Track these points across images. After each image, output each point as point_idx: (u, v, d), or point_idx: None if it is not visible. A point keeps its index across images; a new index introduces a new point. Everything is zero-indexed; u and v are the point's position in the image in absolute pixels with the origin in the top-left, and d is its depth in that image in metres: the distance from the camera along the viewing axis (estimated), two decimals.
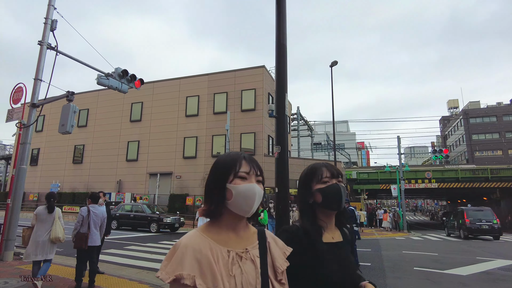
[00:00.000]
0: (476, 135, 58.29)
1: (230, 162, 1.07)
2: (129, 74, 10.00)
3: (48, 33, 8.48)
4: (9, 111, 8.91)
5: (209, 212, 1.07)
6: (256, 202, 1.04)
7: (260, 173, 1.10)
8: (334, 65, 18.83)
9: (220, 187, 1.05)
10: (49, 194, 5.54)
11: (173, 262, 0.93)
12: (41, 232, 5.25)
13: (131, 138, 27.35)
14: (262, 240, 1.11)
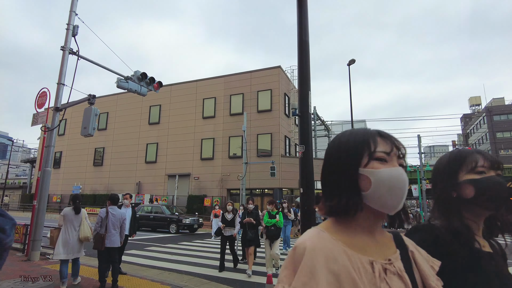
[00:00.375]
0: (501, 133, 56.34)
1: (360, 139, 0.81)
2: (148, 77, 10.14)
3: (70, 38, 8.67)
4: (34, 115, 9.16)
5: (338, 209, 0.78)
6: (405, 193, 0.77)
7: (403, 154, 0.84)
8: (352, 63, 18.55)
9: (351, 174, 0.79)
10: (74, 196, 5.74)
11: (301, 274, 0.68)
12: (70, 232, 5.54)
13: (150, 140, 27.77)
14: (402, 248, 0.84)
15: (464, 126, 75.89)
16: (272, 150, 23.51)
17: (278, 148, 23.41)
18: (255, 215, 7.53)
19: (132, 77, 9.70)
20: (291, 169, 23.22)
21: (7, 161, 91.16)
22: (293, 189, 24.00)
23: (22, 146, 55.95)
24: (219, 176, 24.63)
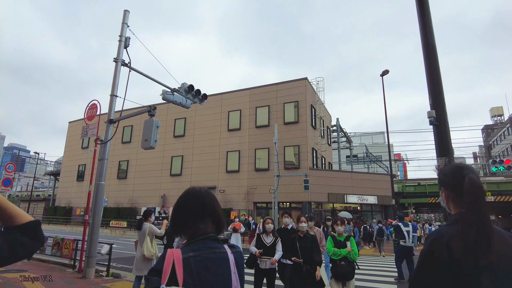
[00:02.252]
0: None
1: None
2: (195, 89, 10.00)
3: (122, 50, 8.61)
4: (84, 127, 9.07)
5: None
6: None
7: None
8: (386, 74, 18.20)
9: None
10: (144, 211, 5.74)
11: None
12: (139, 248, 5.56)
13: (175, 153, 27.73)
14: None
15: (486, 137, 73.98)
16: (300, 163, 23.10)
17: (306, 160, 22.98)
18: (310, 241, 4.87)
19: (179, 89, 9.57)
20: (320, 182, 22.72)
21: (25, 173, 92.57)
22: (322, 203, 23.43)
23: (43, 159, 56.90)
24: (245, 189, 24.28)
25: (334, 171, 25.92)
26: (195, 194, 1.48)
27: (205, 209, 1.44)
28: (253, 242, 5.31)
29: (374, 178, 25.39)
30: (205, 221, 1.41)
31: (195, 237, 1.37)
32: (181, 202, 1.47)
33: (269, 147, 24.18)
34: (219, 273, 1.30)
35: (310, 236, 5.02)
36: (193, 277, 1.22)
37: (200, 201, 1.45)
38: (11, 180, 11.09)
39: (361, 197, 23.57)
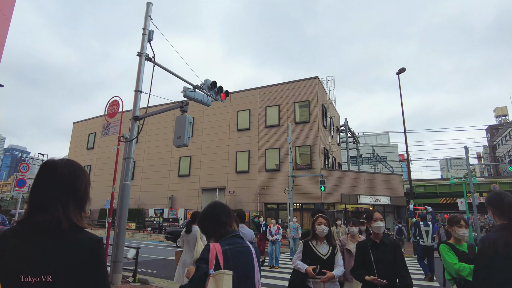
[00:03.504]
0: None
1: None
2: (217, 85, 9.60)
3: (146, 44, 8.22)
4: (105, 125, 8.68)
5: None
6: None
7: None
8: (402, 72, 17.80)
9: None
10: (193, 213, 5.44)
11: None
12: (188, 253, 5.20)
13: (183, 154, 27.31)
14: None
15: (490, 137, 73.65)
16: (312, 163, 22.69)
17: (318, 160, 22.57)
18: (391, 250, 3.24)
19: (202, 86, 9.18)
20: (332, 183, 22.28)
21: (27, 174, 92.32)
22: (335, 203, 23.01)
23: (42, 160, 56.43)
24: (255, 189, 23.86)
25: (346, 172, 25.50)
26: (221, 204, 1.97)
27: (230, 214, 1.92)
28: (297, 254, 3.62)
29: (386, 178, 24.98)
30: (231, 223, 1.88)
31: (226, 235, 1.80)
32: (213, 211, 1.90)
33: (279, 147, 23.78)
34: (246, 261, 1.76)
35: (392, 242, 3.37)
36: (229, 264, 1.66)
37: (227, 209, 1.93)
38: (25, 181, 10.70)
39: (374, 198, 23.16)
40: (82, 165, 1.37)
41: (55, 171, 1.23)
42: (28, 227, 1.14)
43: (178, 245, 16.19)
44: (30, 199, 1.21)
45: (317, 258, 3.47)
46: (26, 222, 1.16)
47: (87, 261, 1.14)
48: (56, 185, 1.21)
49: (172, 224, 22.65)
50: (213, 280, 1.57)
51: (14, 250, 1.08)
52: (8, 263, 1.06)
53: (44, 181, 1.22)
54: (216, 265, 1.62)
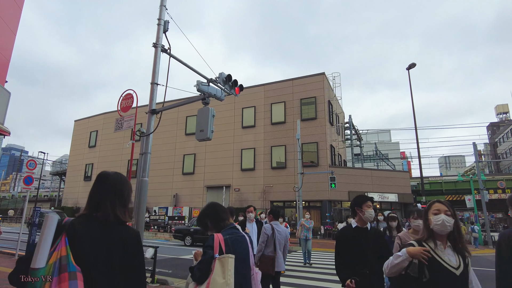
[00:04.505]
0: None
1: None
2: (232, 79, 9.30)
3: (161, 34, 7.88)
4: (118, 120, 8.35)
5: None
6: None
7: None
8: (412, 67, 17.51)
9: None
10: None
11: None
12: None
13: (187, 151, 26.98)
14: None
15: (491, 135, 73.57)
16: (318, 160, 22.41)
17: (325, 158, 22.30)
18: None
19: (217, 80, 8.87)
20: (340, 180, 21.95)
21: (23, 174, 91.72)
22: (342, 201, 22.75)
23: (46, 159, 55.98)
24: (261, 187, 23.57)
25: (354, 169, 25.23)
26: (218, 204, 2.36)
27: (226, 211, 2.34)
28: (395, 260, 2.18)
29: (393, 175, 24.73)
30: (228, 218, 2.28)
31: (225, 228, 2.19)
32: (216, 209, 2.28)
33: (285, 144, 23.49)
34: (243, 247, 2.15)
35: None
36: (230, 250, 2.03)
37: (223, 207, 2.33)
38: (33, 178, 10.36)
39: (381, 195, 22.91)
40: (125, 176, 1.76)
41: (107, 180, 1.66)
42: (88, 219, 1.53)
43: (187, 244, 15.90)
44: (89, 200, 1.61)
45: (445, 274, 1.99)
46: (86, 216, 1.56)
47: (132, 247, 1.55)
48: (108, 190, 1.61)
49: (177, 223, 22.34)
50: (218, 262, 1.95)
51: (81, 234, 1.45)
52: (78, 242, 1.43)
53: (100, 187, 1.63)
54: (219, 250, 2.00)
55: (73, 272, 1.32)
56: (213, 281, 1.87)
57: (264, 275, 4.35)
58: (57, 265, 1.32)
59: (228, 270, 1.92)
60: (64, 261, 1.34)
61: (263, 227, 4.55)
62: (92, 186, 1.65)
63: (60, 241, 1.40)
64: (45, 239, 1.37)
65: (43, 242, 1.36)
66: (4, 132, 6.87)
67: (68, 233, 1.43)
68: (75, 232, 1.44)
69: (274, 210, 4.68)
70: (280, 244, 4.46)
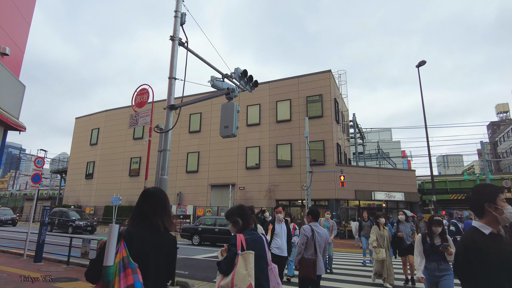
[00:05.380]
0: None
1: None
2: (248, 75, 9.03)
3: (178, 27, 7.61)
4: (132, 116, 8.06)
5: None
6: None
7: None
8: (422, 64, 17.27)
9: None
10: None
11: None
12: None
13: (191, 149, 26.68)
14: None
15: (491, 134, 73.58)
16: (325, 159, 22.17)
17: (332, 156, 22.06)
18: None
19: (232, 75, 8.60)
20: (346, 179, 21.76)
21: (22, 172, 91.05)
22: (348, 200, 22.53)
23: (45, 157, 55.48)
24: (266, 186, 23.32)
25: (360, 167, 25.00)
26: (248, 207, 2.82)
27: (252, 215, 2.80)
28: None
29: (400, 174, 24.54)
30: (252, 222, 2.70)
31: (247, 229, 2.62)
32: (242, 212, 2.70)
33: (291, 142, 23.24)
34: (260, 246, 2.55)
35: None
36: (250, 248, 2.41)
37: (250, 210, 2.86)
38: (41, 177, 10.05)
39: (388, 194, 22.71)
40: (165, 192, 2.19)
41: (153, 197, 2.02)
42: (139, 228, 1.91)
43: (194, 243, 15.63)
44: (136, 212, 1.98)
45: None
46: (137, 225, 1.93)
47: (172, 249, 2.01)
48: (156, 205, 1.98)
49: (182, 221, 22.06)
50: (241, 258, 2.35)
51: (136, 240, 1.83)
52: (135, 246, 1.80)
53: (145, 202, 1.99)
54: (241, 248, 2.39)
55: (134, 268, 1.73)
56: (237, 273, 2.31)
57: (304, 279, 4.10)
58: (121, 263, 1.72)
59: (249, 263, 2.34)
60: (126, 260, 1.74)
61: (302, 229, 4.29)
62: (138, 200, 2.04)
63: (120, 246, 1.76)
64: (112, 244, 1.72)
65: (110, 246, 1.72)
66: (19, 128, 6.57)
67: (126, 239, 1.80)
68: (131, 238, 1.82)
69: (313, 211, 4.42)
70: (320, 246, 4.20)
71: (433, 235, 4.06)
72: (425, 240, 4.02)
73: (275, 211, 5.58)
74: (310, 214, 4.37)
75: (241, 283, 2.25)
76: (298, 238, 9.36)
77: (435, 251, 3.87)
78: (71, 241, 8.95)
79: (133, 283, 1.67)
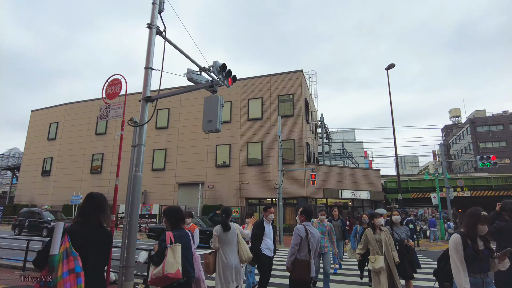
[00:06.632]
0: (483, 143, 58.41)
1: None
2: (227, 69, 8.73)
3: (156, 15, 7.14)
4: (103, 108, 7.48)
5: None
6: None
7: None
8: (391, 67, 17.84)
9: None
10: (224, 209, 4.80)
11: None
12: (229, 256, 4.46)
13: (157, 146, 25.75)
14: None
15: (445, 136, 78.32)
16: (295, 157, 22.31)
17: (302, 155, 22.24)
18: None
19: (210, 69, 8.26)
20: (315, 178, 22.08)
21: None
22: (317, 198, 22.84)
23: None
24: (236, 184, 23.05)
25: (329, 166, 25.45)
26: (181, 209, 3.41)
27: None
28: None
29: (366, 173, 25.30)
30: (183, 222, 3.31)
31: (177, 228, 3.18)
32: (173, 212, 3.26)
33: (262, 140, 23.15)
34: (186, 240, 3.12)
35: None
36: (177, 241, 2.95)
37: (182, 211, 3.36)
38: None
39: (354, 193, 23.31)
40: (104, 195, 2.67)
41: (95, 199, 2.50)
42: (82, 224, 2.36)
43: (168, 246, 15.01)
44: (80, 211, 2.47)
45: None
46: (80, 222, 2.38)
47: (109, 241, 2.48)
48: (96, 206, 2.47)
49: (147, 221, 21.21)
50: (170, 250, 2.86)
51: (78, 233, 2.25)
52: (78, 239, 2.21)
53: (89, 203, 2.47)
54: (170, 242, 2.92)
55: (75, 256, 2.14)
56: (167, 261, 2.78)
57: (298, 281, 3.91)
58: (65, 253, 2.11)
59: (177, 253, 2.85)
60: (69, 250, 2.13)
61: (295, 228, 4.10)
62: (82, 201, 2.55)
63: (64, 239, 2.16)
64: (57, 237, 2.13)
65: (56, 239, 2.12)
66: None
67: (69, 233, 2.20)
68: (74, 232, 2.23)
69: (307, 210, 4.24)
70: (313, 247, 4.03)
71: (476, 236, 2.97)
72: (467, 243, 2.94)
73: (268, 211, 5.35)
74: (304, 213, 4.19)
75: (170, 269, 2.74)
76: None
77: (480, 258, 2.91)
78: (28, 244, 8.15)
79: (73, 267, 2.09)
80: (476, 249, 2.89)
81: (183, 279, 2.89)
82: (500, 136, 58.06)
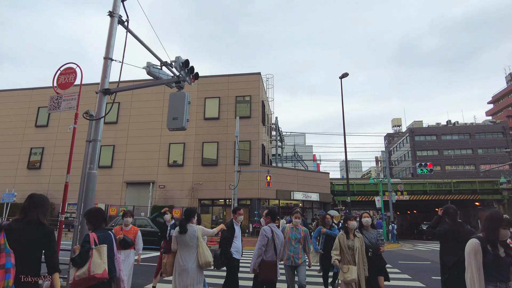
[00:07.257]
0: (420, 151, 63.67)
1: None
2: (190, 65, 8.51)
3: (119, 3, 6.76)
4: (53, 98, 6.92)
5: None
6: None
7: None
8: (345, 76, 18.70)
9: None
10: (187, 210, 4.58)
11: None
12: (186, 258, 4.26)
13: (105, 142, 24.23)
14: None
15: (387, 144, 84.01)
16: (250, 159, 22.44)
17: (257, 156, 22.44)
18: None
19: (172, 64, 8.01)
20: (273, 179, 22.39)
21: None
22: (270, 199, 23.16)
23: None
24: (189, 184, 22.56)
25: (282, 168, 25.93)
26: (100, 209, 3.40)
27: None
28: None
29: (316, 176, 26.21)
30: (105, 223, 3.27)
31: (99, 228, 3.16)
32: (94, 213, 3.29)
33: (218, 141, 22.95)
34: (110, 241, 3.08)
35: None
36: (101, 243, 2.93)
37: (103, 212, 3.38)
38: None
39: (305, 194, 24.04)
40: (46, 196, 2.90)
41: (34, 198, 2.67)
42: (20, 221, 2.52)
43: None
44: (21, 210, 2.61)
45: None
46: (20, 219, 2.54)
47: (48, 237, 2.57)
48: (35, 204, 2.63)
49: None
50: (96, 251, 2.83)
51: (15, 230, 2.42)
52: (14, 236, 2.38)
53: (28, 202, 2.63)
54: (94, 243, 2.87)
55: (9, 252, 2.27)
56: (93, 262, 2.79)
57: (265, 282, 3.91)
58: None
59: (103, 254, 2.87)
60: (3, 246, 2.27)
61: (262, 229, 4.10)
62: (24, 201, 2.67)
63: (0, 235, 2.30)
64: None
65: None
66: None
67: (6, 230, 2.36)
68: (11, 229, 2.40)
69: (272, 211, 4.26)
70: (278, 248, 4.06)
71: (497, 241, 2.71)
72: (486, 249, 2.68)
73: (238, 213, 5.25)
74: (269, 215, 4.20)
75: (97, 270, 2.76)
76: None
77: (501, 265, 2.64)
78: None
79: (4, 263, 2.20)
80: (497, 255, 2.65)
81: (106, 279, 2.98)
82: (434, 146, 63.58)
